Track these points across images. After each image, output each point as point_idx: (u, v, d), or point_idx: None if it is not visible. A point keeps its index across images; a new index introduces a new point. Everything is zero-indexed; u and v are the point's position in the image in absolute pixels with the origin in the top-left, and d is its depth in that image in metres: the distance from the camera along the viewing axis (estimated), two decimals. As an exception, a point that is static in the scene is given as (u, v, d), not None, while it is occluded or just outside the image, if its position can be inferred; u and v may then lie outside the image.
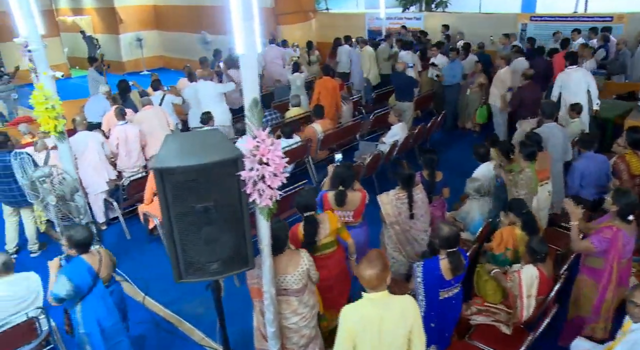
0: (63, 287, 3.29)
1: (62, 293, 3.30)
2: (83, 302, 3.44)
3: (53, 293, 3.33)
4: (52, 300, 3.37)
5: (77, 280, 3.37)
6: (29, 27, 4.50)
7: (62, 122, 4.79)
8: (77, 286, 3.36)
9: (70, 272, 3.38)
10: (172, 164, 2.65)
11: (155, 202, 5.67)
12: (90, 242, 3.54)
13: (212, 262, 2.93)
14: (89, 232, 3.52)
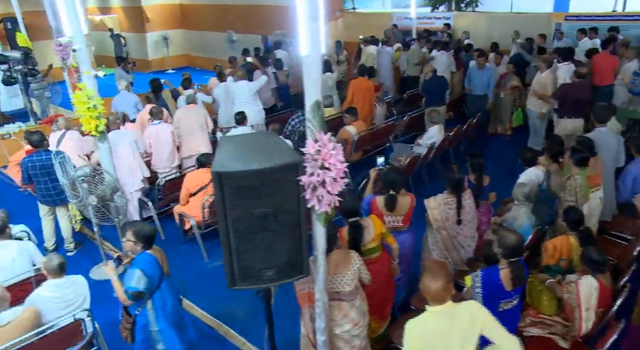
0: (140, 280, 3.32)
1: (141, 286, 3.32)
2: (154, 297, 3.47)
3: (131, 288, 3.32)
4: (128, 298, 3.36)
5: (151, 273, 3.40)
6: (73, 27, 4.46)
7: (103, 122, 4.78)
8: (151, 279, 3.40)
9: (143, 265, 3.40)
10: (232, 167, 2.57)
11: (192, 203, 5.64)
12: (155, 238, 3.59)
13: (268, 269, 2.85)
14: (154, 227, 3.58)
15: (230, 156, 2.67)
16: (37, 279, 4.28)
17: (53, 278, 3.68)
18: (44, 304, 3.60)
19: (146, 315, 3.55)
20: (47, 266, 3.66)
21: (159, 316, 3.57)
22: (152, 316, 3.56)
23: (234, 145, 2.83)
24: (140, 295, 3.42)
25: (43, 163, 5.42)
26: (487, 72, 8.20)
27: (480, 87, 8.29)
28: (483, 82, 8.22)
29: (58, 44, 9.26)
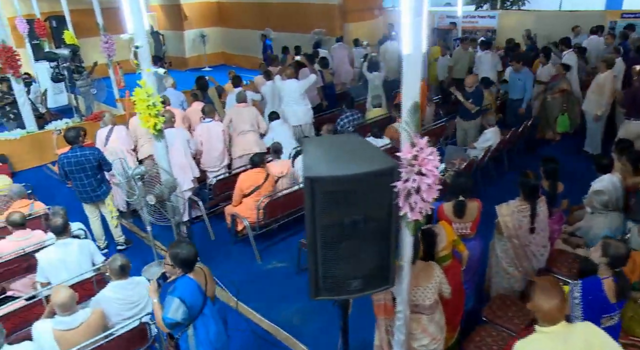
0: (178, 310, 2.99)
1: (178, 317, 3.00)
2: (195, 324, 3.15)
3: (167, 318, 3.01)
4: (165, 326, 3.08)
5: (190, 301, 3.07)
6: (136, 24, 4.40)
7: (162, 120, 4.70)
8: (191, 307, 3.07)
9: (182, 293, 3.05)
10: (325, 172, 2.42)
11: (245, 203, 5.54)
12: (196, 260, 3.23)
13: (353, 279, 2.70)
14: (195, 249, 3.21)
15: (321, 160, 2.53)
16: (98, 278, 4.24)
17: (116, 279, 3.61)
18: (110, 305, 3.54)
19: (187, 341, 3.24)
20: (110, 267, 3.59)
21: (202, 343, 3.24)
22: (193, 344, 3.23)
23: (321, 148, 2.69)
24: (176, 324, 3.12)
25: (78, 159, 5.35)
26: (523, 76, 7.85)
27: (516, 91, 7.96)
28: (518, 86, 7.89)
29: (104, 41, 9.36)
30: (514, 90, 8.00)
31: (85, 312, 3.35)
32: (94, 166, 5.43)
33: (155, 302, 3.24)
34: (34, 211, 5.46)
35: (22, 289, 4.73)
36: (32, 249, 4.57)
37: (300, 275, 5.25)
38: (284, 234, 6.00)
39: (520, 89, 7.87)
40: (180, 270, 3.17)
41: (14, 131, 8.71)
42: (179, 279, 3.18)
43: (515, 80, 7.95)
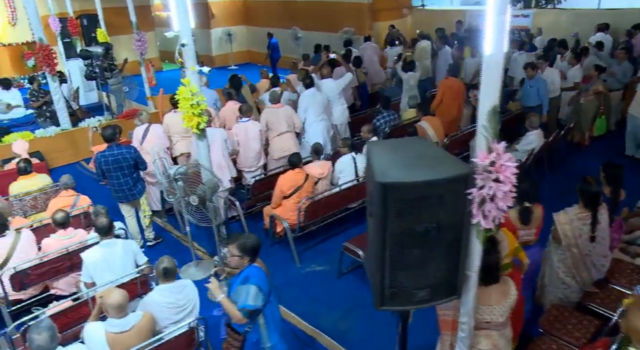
0: (258, 297, 3.10)
1: (259, 303, 3.11)
2: (265, 311, 3.23)
3: (250, 306, 3.09)
4: (244, 316, 3.12)
5: (264, 288, 3.17)
6: (182, 22, 4.34)
7: (205, 119, 4.63)
8: (265, 294, 3.18)
9: (257, 280, 3.15)
10: (399, 178, 2.30)
11: (284, 205, 5.46)
12: (260, 247, 3.31)
13: (420, 289, 2.58)
14: (257, 237, 3.29)
15: (392, 165, 2.41)
16: (142, 279, 4.20)
17: (163, 282, 3.54)
18: (158, 309, 3.48)
19: (258, 330, 3.28)
20: (156, 269, 3.53)
21: (271, 331, 3.32)
22: (265, 332, 3.30)
23: (389, 152, 2.57)
24: (254, 312, 3.18)
25: (115, 158, 5.36)
26: (536, 83, 7.35)
27: (530, 98, 7.44)
28: (532, 93, 7.38)
29: (137, 38, 9.38)
30: (528, 97, 7.50)
31: (136, 315, 3.30)
32: (131, 165, 5.44)
33: (223, 298, 3.22)
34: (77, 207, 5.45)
35: (64, 288, 4.73)
36: (75, 248, 4.57)
37: (341, 280, 5.14)
38: (322, 237, 5.90)
39: (534, 96, 7.39)
40: (248, 260, 3.21)
41: (48, 129, 8.77)
42: (249, 269, 3.22)
43: (527, 87, 7.51)
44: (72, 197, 5.48)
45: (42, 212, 5.90)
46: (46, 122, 9.03)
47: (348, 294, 4.91)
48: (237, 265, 3.23)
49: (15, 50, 13.38)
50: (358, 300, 4.79)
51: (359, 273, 5.13)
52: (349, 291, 4.95)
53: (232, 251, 3.21)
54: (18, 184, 5.85)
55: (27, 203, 5.86)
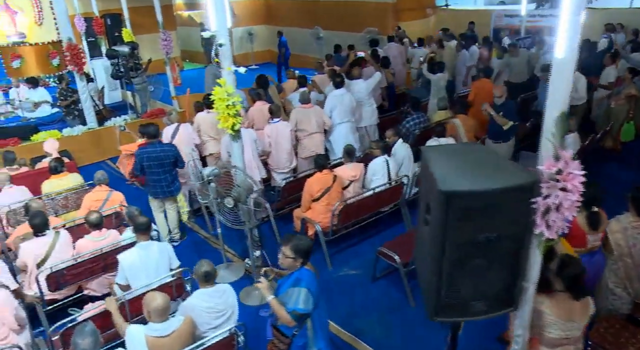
0: (308, 301, 3.08)
1: (310, 306, 3.10)
2: (312, 315, 3.21)
3: (301, 309, 3.07)
4: (293, 319, 3.10)
5: (314, 291, 3.15)
6: (219, 22, 4.29)
7: (240, 120, 4.57)
8: (316, 297, 3.16)
9: (309, 283, 3.13)
10: (462, 186, 2.21)
11: (315, 208, 5.38)
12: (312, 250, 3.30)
13: (477, 301, 2.49)
14: (309, 239, 3.26)
15: (453, 172, 2.32)
16: (177, 283, 4.16)
17: (203, 287, 3.49)
18: (198, 314, 3.43)
19: (305, 335, 3.26)
20: (196, 273, 3.48)
21: (318, 335, 3.30)
22: (312, 336, 3.28)
23: (447, 159, 2.48)
24: (303, 316, 3.16)
25: (158, 154, 5.48)
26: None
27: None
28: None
29: (163, 38, 9.38)
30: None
31: (177, 320, 3.25)
32: (171, 162, 5.56)
33: (272, 299, 3.20)
34: (109, 208, 5.46)
35: (97, 289, 4.72)
36: (109, 249, 4.55)
37: (375, 285, 5.06)
38: (353, 240, 5.81)
39: None
40: (300, 263, 3.18)
41: (75, 128, 8.82)
42: (300, 272, 3.20)
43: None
44: (105, 192, 5.51)
45: (73, 211, 5.92)
46: (74, 120, 9.08)
47: (384, 299, 4.82)
48: (290, 267, 3.22)
49: (41, 50, 13.42)
50: (395, 305, 4.71)
51: (394, 277, 5.03)
52: (385, 296, 4.87)
53: (285, 252, 3.18)
54: (50, 183, 5.88)
55: (59, 202, 5.87)
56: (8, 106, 10.89)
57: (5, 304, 3.65)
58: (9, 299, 3.72)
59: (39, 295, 4.37)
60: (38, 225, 4.43)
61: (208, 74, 9.86)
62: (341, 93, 6.83)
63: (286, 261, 3.20)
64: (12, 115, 10.79)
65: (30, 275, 4.44)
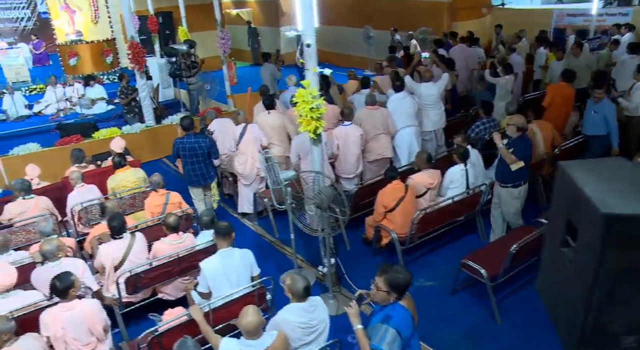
0: (394, 343, 2.70)
1: (395, 349, 2.73)
2: None
3: (381, 349, 2.73)
4: None
5: (406, 333, 2.78)
6: (306, 22, 4.14)
7: (323, 124, 4.40)
8: (404, 339, 2.78)
9: (399, 324, 2.77)
10: (629, 209, 1.97)
11: (390, 217, 5.18)
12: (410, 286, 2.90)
13: (629, 334, 2.24)
14: (411, 274, 2.89)
15: (611, 193, 2.08)
16: (260, 292, 4.03)
17: (297, 301, 3.32)
18: (291, 329, 3.27)
19: None
20: (292, 288, 3.31)
21: None
22: None
23: (596, 176, 2.24)
24: None
25: (192, 145, 5.75)
26: (601, 108, 6.03)
27: (592, 127, 6.18)
28: (595, 119, 6.08)
29: (221, 36, 9.34)
30: (591, 125, 6.22)
31: (270, 335, 3.11)
32: (205, 153, 5.85)
33: (360, 329, 2.92)
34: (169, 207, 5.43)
35: (172, 293, 4.66)
36: (185, 254, 4.47)
37: (455, 297, 4.82)
38: (424, 250, 5.58)
39: (599, 124, 6.09)
40: (395, 298, 2.86)
41: (134, 125, 8.86)
42: (393, 307, 2.88)
43: (590, 112, 6.21)
44: (164, 196, 5.48)
45: (140, 211, 5.89)
46: (134, 118, 9.14)
47: (466, 314, 4.58)
48: (382, 301, 2.90)
49: (96, 47, 13.76)
50: (479, 320, 4.47)
51: (475, 291, 4.79)
52: (467, 310, 4.63)
53: (378, 284, 2.88)
54: (115, 176, 5.94)
55: (126, 201, 5.85)
56: (67, 103, 11.06)
57: (96, 315, 3.60)
58: (100, 310, 3.68)
59: (117, 297, 4.32)
60: (116, 227, 4.38)
61: (264, 73, 9.78)
62: (401, 97, 6.59)
63: (379, 294, 2.90)
64: (70, 111, 10.97)
65: (108, 277, 4.40)
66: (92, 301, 3.75)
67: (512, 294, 4.79)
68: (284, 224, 6.27)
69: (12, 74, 12.59)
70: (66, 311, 3.49)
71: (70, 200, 5.62)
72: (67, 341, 3.51)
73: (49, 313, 3.49)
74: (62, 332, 3.47)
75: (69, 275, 3.50)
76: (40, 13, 17.26)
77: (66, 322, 3.47)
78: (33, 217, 5.29)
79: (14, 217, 5.33)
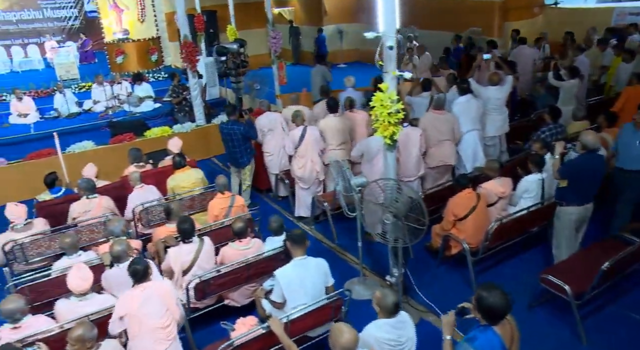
0: None
1: None
2: None
3: None
4: None
5: None
6: (388, 23, 3.96)
7: (400, 129, 4.22)
8: None
9: (482, 348, 2.60)
10: None
11: (460, 227, 4.96)
12: (505, 315, 2.68)
13: None
14: (508, 301, 2.65)
15: None
16: (337, 304, 3.88)
17: (385, 317, 3.15)
18: (378, 346, 3.10)
19: None
20: (382, 303, 3.14)
21: None
22: None
23: None
24: None
25: (229, 131, 6.45)
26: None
27: (632, 160, 5.10)
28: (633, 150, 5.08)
29: (273, 36, 9.24)
30: (626, 157, 5.16)
31: (363, 354, 2.94)
32: (240, 138, 6.42)
33: (448, 341, 2.79)
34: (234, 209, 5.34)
35: (238, 299, 4.58)
36: (253, 260, 4.36)
37: (531, 313, 4.57)
38: (490, 262, 5.32)
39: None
40: (485, 321, 2.68)
41: (185, 124, 8.85)
42: (484, 329, 2.69)
43: (626, 139, 5.16)
44: (228, 198, 5.38)
45: (199, 212, 5.83)
46: (185, 117, 9.13)
47: (546, 333, 4.33)
48: (480, 319, 2.73)
49: (142, 46, 13.90)
50: (562, 341, 4.22)
51: (554, 307, 4.53)
52: (546, 329, 4.38)
53: (473, 309, 2.72)
54: (175, 176, 5.92)
55: (185, 202, 5.79)
56: (115, 101, 11.16)
57: (171, 291, 3.65)
58: (173, 290, 3.74)
59: (185, 302, 4.23)
60: (187, 231, 4.30)
61: (316, 75, 9.64)
62: (467, 99, 6.35)
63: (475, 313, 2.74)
64: (118, 109, 11.05)
65: (176, 282, 4.33)
66: (164, 282, 3.85)
67: (595, 312, 4.51)
68: (343, 229, 6.13)
69: (63, 72, 12.79)
70: (142, 290, 3.49)
71: (131, 200, 5.60)
72: (142, 319, 3.45)
73: (127, 294, 3.52)
74: (138, 310, 3.44)
75: (141, 258, 3.72)
76: (87, 12, 17.56)
77: (142, 299, 3.46)
78: (97, 217, 5.28)
79: (78, 216, 5.32)
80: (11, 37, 16.54)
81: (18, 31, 16.69)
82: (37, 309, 3.97)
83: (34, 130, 9.98)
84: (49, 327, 3.52)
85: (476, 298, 2.69)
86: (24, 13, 16.69)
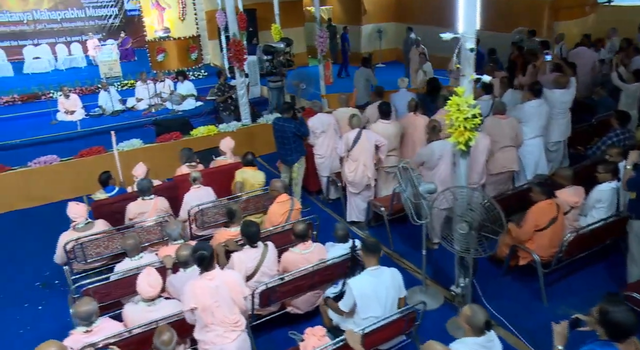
0: None
1: None
2: None
3: None
4: None
5: None
6: (469, 24, 3.78)
7: (476, 135, 4.02)
8: None
9: None
10: None
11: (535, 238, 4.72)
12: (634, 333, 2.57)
13: None
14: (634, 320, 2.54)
15: None
16: (411, 316, 3.72)
17: (473, 335, 2.98)
18: (468, 366, 2.92)
19: None
20: (471, 321, 2.97)
21: None
22: None
23: None
24: None
25: (280, 127, 6.45)
26: None
27: None
28: None
29: (320, 35, 9.10)
30: None
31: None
32: (289, 136, 6.39)
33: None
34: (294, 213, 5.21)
35: (302, 307, 4.45)
36: (318, 267, 4.22)
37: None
38: (561, 272, 5.07)
39: None
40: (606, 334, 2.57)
41: (230, 123, 8.79)
42: (605, 344, 2.60)
43: None
44: (287, 202, 5.25)
45: (252, 214, 5.74)
46: (230, 116, 9.08)
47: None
48: (600, 334, 2.61)
49: (182, 44, 13.93)
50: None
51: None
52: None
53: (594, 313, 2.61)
54: (245, 169, 5.90)
55: (240, 204, 5.69)
56: (158, 99, 11.21)
57: (238, 284, 3.60)
58: (241, 280, 3.72)
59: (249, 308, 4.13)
60: (253, 235, 4.19)
61: (359, 78, 9.47)
62: (539, 104, 6.06)
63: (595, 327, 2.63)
64: (161, 107, 11.10)
65: (241, 288, 4.22)
66: (231, 271, 3.81)
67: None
68: (398, 235, 5.96)
69: (106, 69, 12.94)
70: (211, 280, 3.45)
71: (187, 201, 5.54)
72: (214, 311, 3.42)
73: (196, 285, 3.45)
74: (210, 302, 3.40)
75: (205, 243, 3.70)
76: (127, 10, 17.75)
77: (212, 290, 3.42)
78: (153, 219, 5.23)
79: (134, 217, 5.28)
80: (56, 36, 16.85)
81: (62, 30, 17.02)
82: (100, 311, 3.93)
83: (80, 127, 10.09)
84: (119, 331, 3.47)
85: (600, 311, 2.59)
86: (68, 12, 17.00)
